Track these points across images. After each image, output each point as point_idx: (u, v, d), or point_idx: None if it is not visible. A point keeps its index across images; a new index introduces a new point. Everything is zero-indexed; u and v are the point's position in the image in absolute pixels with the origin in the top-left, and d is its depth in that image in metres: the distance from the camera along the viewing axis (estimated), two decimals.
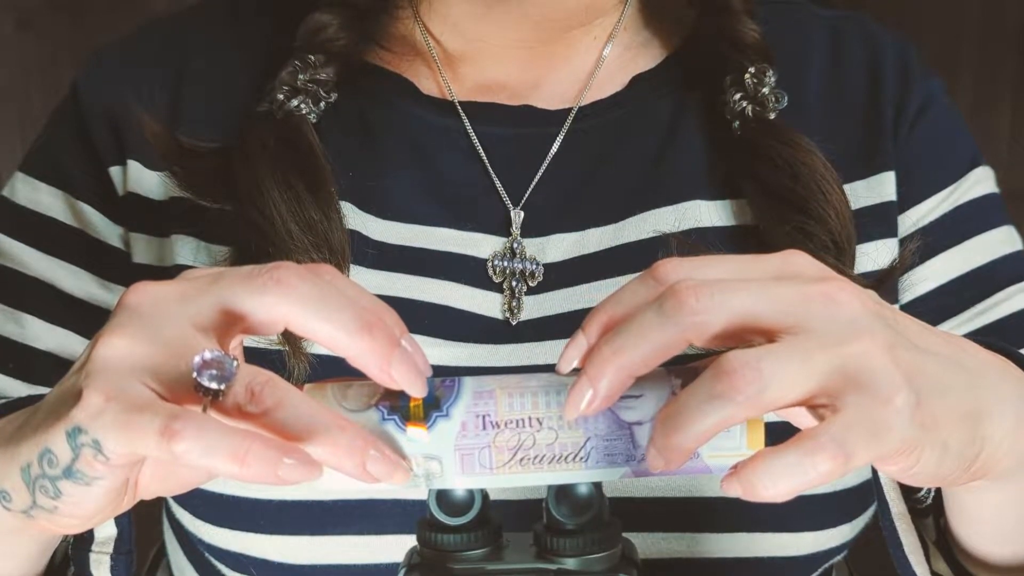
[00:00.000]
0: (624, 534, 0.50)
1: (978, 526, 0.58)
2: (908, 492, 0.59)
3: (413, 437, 0.47)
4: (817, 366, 0.43)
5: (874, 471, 0.57)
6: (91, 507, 0.47)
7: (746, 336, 0.45)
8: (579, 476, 0.47)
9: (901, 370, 0.44)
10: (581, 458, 0.47)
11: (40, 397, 0.50)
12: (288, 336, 0.64)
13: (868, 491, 0.67)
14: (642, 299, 0.46)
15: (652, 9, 0.77)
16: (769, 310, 0.44)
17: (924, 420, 0.44)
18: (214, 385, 0.43)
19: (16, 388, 0.69)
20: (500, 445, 0.47)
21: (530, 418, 0.47)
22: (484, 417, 0.47)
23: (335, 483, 0.47)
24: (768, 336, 0.44)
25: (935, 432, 0.45)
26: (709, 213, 0.70)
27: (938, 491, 0.60)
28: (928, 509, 0.61)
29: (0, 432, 0.50)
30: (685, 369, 0.48)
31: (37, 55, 1.48)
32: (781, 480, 0.42)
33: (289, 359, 0.64)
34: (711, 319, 0.44)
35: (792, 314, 0.44)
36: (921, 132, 0.74)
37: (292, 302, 0.45)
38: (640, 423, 0.47)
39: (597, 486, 0.48)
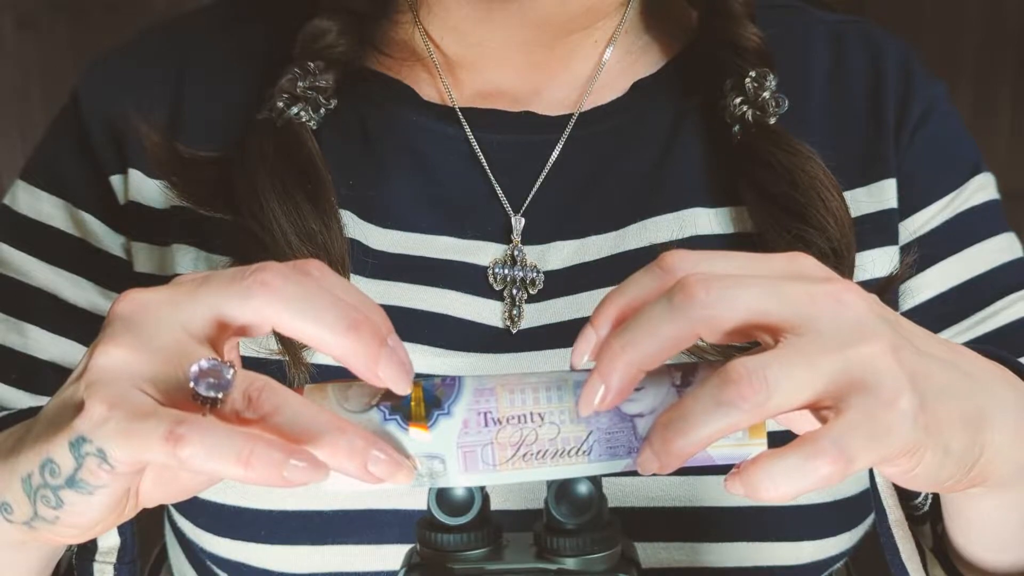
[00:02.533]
0: None
1: (976, 533, 0.58)
2: (905, 499, 0.59)
3: (415, 436, 0.47)
4: (822, 370, 0.43)
5: (871, 477, 0.57)
6: (93, 516, 0.47)
7: (751, 333, 0.45)
8: (582, 470, 0.47)
9: (906, 372, 0.44)
10: (584, 452, 0.47)
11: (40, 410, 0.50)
12: (287, 345, 0.64)
13: (868, 500, 0.67)
14: (649, 290, 0.46)
15: (653, 12, 0.76)
16: (778, 308, 0.44)
17: (927, 422, 0.44)
18: (212, 394, 0.44)
19: (19, 398, 0.69)
20: (502, 441, 0.47)
21: (532, 413, 0.47)
22: (486, 414, 0.47)
23: (341, 485, 0.46)
24: (773, 334, 0.44)
25: (937, 435, 0.45)
26: (709, 221, 0.70)
27: (935, 497, 0.60)
28: (925, 516, 0.61)
29: (0, 445, 0.50)
30: (684, 363, 0.48)
31: (37, 55, 1.48)
32: (782, 482, 0.42)
33: (289, 369, 0.64)
34: (722, 313, 0.44)
35: (799, 314, 0.44)
36: (923, 138, 0.73)
37: (277, 304, 0.45)
38: (641, 415, 0.47)
39: (597, 486, 0.48)
